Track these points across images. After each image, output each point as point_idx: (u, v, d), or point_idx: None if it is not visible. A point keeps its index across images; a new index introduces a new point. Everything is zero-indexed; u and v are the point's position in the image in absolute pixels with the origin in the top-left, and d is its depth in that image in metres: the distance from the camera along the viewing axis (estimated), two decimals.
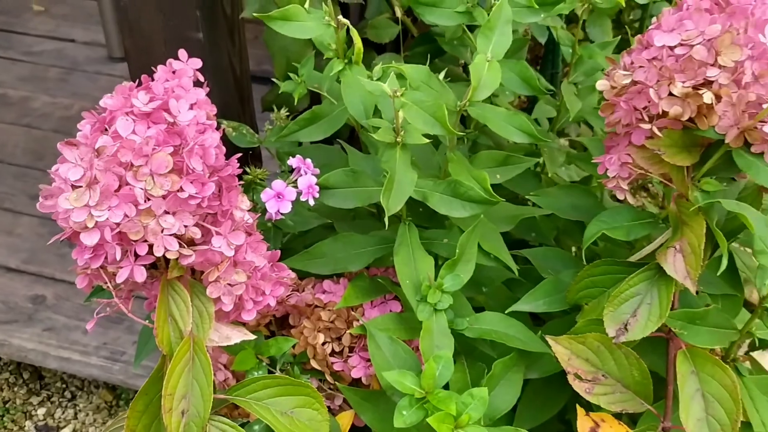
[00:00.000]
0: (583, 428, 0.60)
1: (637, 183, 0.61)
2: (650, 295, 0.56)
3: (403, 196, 0.57)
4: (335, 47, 0.68)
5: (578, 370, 0.58)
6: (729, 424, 0.52)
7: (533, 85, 0.72)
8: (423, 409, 0.54)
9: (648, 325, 0.55)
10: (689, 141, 0.56)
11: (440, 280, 0.62)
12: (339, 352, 0.64)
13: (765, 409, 0.60)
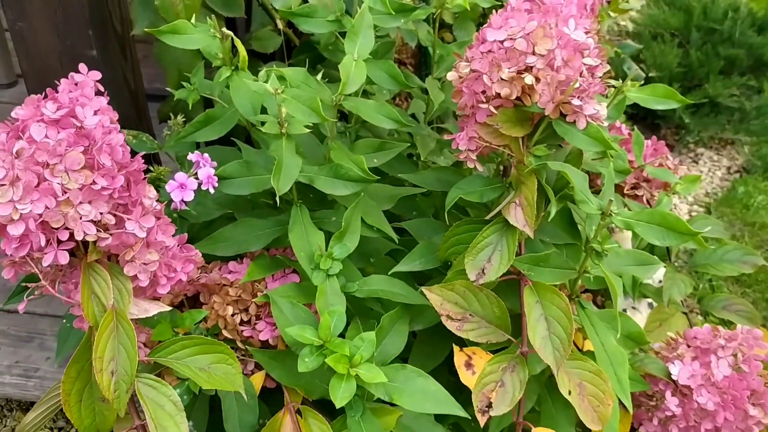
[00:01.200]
0: (460, 362, 0.72)
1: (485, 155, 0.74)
2: (501, 244, 0.68)
3: (290, 177, 0.67)
4: (222, 56, 0.77)
5: (449, 312, 0.69)
6: (565, 338, 0.65)
7: (400, 81, 0.83)
8: (322, 355, 0.64)
9: (500, 268, 0.67)
10: (520, 116, 0.69)
11: (330, 250, 0.72)
12: (247, 321, 0.73)
13: (600, 330, 0.74)
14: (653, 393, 0.88)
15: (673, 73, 2.59)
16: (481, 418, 0.66)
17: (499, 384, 0.67)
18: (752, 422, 0.83)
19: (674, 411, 0.85)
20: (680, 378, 0.84)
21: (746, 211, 2.32)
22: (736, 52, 2.58)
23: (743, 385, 0.82)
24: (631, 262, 0.77)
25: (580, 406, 0.68)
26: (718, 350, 0.85)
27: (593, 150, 0.66)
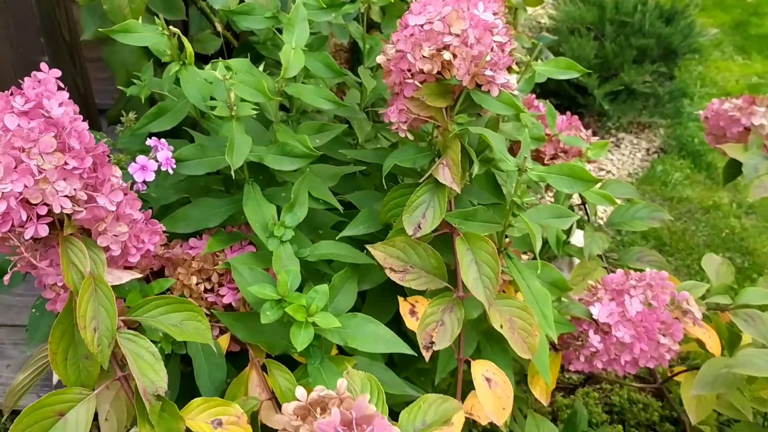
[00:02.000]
0: (405, 310, 0.81)
1: (415, 127, 0.83)
2: (433, 201, 0.77)
3: (242, 154, 0.75)
4: (170, 52, 0.85)
5: (392, 265, 0.78)
6: (494, 277, 0.75)
7: (335, 70, 0.92)
8: (281, 308, 0.72)
9: (433, 222, 0.77)
10: (443, 89, 0.78)
11: (282, 219, 0.80)
12: (210, 289, 0.80)
13: (526, 275, 0.84)
14: (578, 334, 0.99)
15: (591, 64, 2.76)
16: (426, 353, 0.75)
17: (439, 323, 0.76)
18: (664, 350, 0.95)
19: (597, 347, 0.96)
20: (600, 317, 0.95)
21: (665, 188, 2.50)
22: (647, 42, 2.78)
23: (653, 318, 0.94)
24: (550, 215, 0.88)
25: (511, 338, 0.78)
26: (631, 290, 0.96)
27: (506, 113, 0.77)
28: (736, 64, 3.32)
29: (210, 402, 0.67)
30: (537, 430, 1.01)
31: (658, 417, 1.61)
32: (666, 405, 1.63)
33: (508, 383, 0.78)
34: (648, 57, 2.77)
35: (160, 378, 0.63)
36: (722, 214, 2.37)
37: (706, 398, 0.98)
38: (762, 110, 1.36)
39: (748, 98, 1.40)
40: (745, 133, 1.36)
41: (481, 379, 0.78)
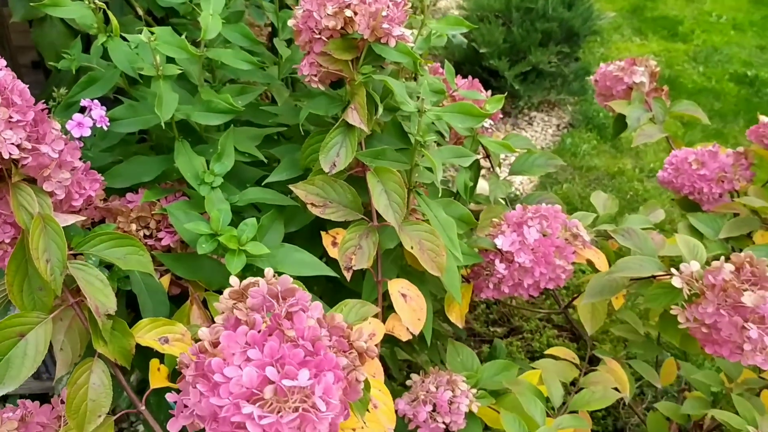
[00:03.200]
0: (327, 242, 0.91)
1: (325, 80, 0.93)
2: (345, 141, 0.88)
3: (170, 107, 0.84)
4: (97, 25, 0.92)
5: (313, 201, 0.88)
6: (401, 203, 0.86)
7: (251, 39, 1.02)
8: (215, 241, 0.81)
9: (347, 159, 0.87)
10: (348, 44, 0.89)
11: (212, 167, 0.89)
12: (149, 235, 0.88)
13: (433, 207, 0.96)
14: (486, 264, 1.11)
15: (501, 48, 2.93)
16: (347, 273, 0.85)
17: (357, 247, 0.86)
18: (560, 271, 1.08)
19: (503, 273, 1.08)
20: (504, 246, 1.08)
21: (575, 158, 2.69)
22: (551, 25, 2.96)
23: (549, 243, 1.07)
24: (452, 155, 1.00)
25: (421, 258, 0.89)
26: (528, 221, 1.09)
27: (403, 61, 0.88)
28: (634, 45, 3.57)
29: (157, 322, 0.75)
30: (457, 356, 1.13)
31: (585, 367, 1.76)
32: (582, 346, 1.78)
33: (421, 297, 0.90)
34: (552, 40, 2.97)
35: (109, 300, 0.71)
36: (626, 179, 2.57)
37: (599, 311, 1.12)
38: (641, 69, 1.53)
39: (629, 60, 1.57)
40: (629, 91, 1.53)
41: (397, 294, 0.89)
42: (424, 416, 0.99)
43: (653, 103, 1.49)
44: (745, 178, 1.32)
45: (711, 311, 0.87)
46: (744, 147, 1.34)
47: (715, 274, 0.90)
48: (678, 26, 3.73)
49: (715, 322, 0.87)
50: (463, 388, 1.01)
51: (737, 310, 0.87)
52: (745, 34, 3.67)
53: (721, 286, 0.88)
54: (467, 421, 1.01)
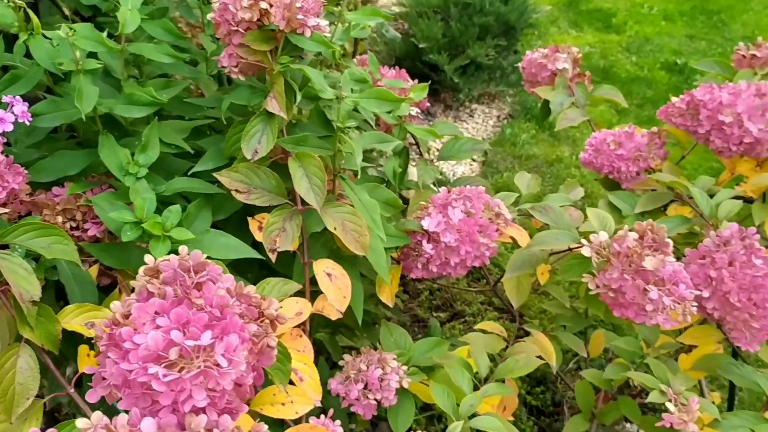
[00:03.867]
0: (254, 227, 0.94)
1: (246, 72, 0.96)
2: (266, 128, 0.91)
3: (91, 101, 0.86)
4: (18, 24, 0.94)
5: (237, 188, 0.91)
6: (322, 185, 0.90)
7: (175, 34, 1.04)
8: (140, 228, 0.83)
9: (268, 146, 0.90)
10: (265, 35, 0.92)
11: (136, 158, 0.91)
12: (76, 227, 0.90)
13: (357, 191, 0.99)
14: (415, 245, 1.15)
15: (440, 43, 2.99)
16: (272, 255, 0.88)
17: (281, 230, 0.90)
18: (484, 249, 1.13)
19: (430, 253, 1.13)
20: (430, 227, 1.12)
21: (514, 147, 2.76)
22: (488, 19, 3.04)
23: (473, 222, 1.12)
24: (374, 140, 1.04)
25: (345, 238, 0.93)
26: (453, 202, 1.14)
27: (319, 50, 0.92)
28: (570, 37, 3.67)
29: (83, 307, 0.77)
30: (390, 336, 1.17)
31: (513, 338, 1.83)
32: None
33: (346, 276, 0.94)
34: (490, 33, 3.04)
35: (33, 287, 0.73)
36: (564, 166, 2.65)
37: (523, 286, 1.18)
38: (564, 56, 1.60)
39: (553, 47, 1.64)
40: (553, 77, 1.60)
41: (323, 274, 0.92)
42: (356, 394, 1.03)
43: (576, 88, 1.56)
44: (660, 156, 1.39)
45: (616, 276, 0.93)
46: (658, 127, 1.42)
47: (620, 242, 0.96)
48: (612, 18, 3.85)
49: (621, 286, 0.94)
50: (393, 365, 1.05)
51: (639, 274, 0.93)
52: (675, 24, 3.81)
53: (625, 253, 0.94)
54: (399, 397, 1.06)
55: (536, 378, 1.74)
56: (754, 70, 1.44)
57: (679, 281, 0.93)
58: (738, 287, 1.03)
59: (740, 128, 1.24)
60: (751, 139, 1.25)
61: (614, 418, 1.25)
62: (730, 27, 3.76)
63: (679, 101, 1.32)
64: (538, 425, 1.63)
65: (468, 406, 0.98)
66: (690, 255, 1.09)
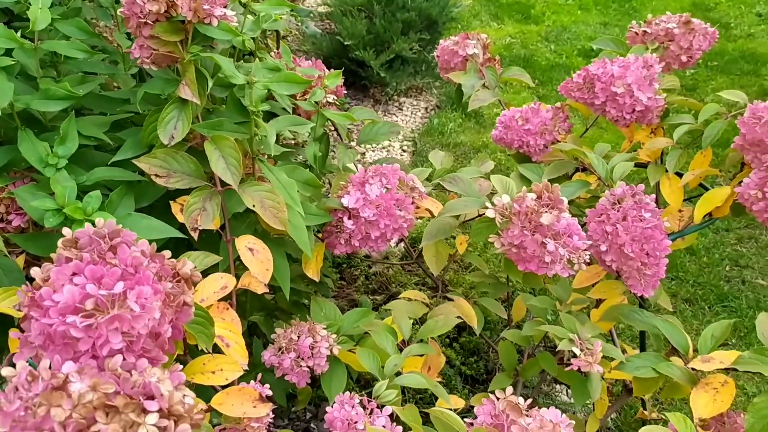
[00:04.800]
0: (176, 209, 0.99)
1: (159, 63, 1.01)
2: (181, 114, 0.96)
3: (6, 95, 0.89)
4: None
5: (157, 172, 0.96)
6: (237, 165, 0.95)
7: (89, 32, 1.08)
8: (62, 214, 0.87)
9: (183, 131, 0.95)
10: (174, 26, 0.97)
11: (56, 150, 0.95)
12: (0, 219, 0.93)
13: (275, 171, 1.05)
14: (337, 222, 1.22)
15: (365, 40, 3.06)
16: (194, 233, 0.93)
17: (202, 209, 0.95)
18: (402, 221, 1.21)
19: (351, 228, 1.19)
20: (349, 204, 1.19)
21: (442, 136, 2.86)
22: (411, 15, 3.12)
23: (389, 197, 1.19)
24: (289, 123, 1.10)
25: (264, 214, 0.98)
26: (370, 180, 1.21)
27: (226, 38, 0.97)
28: (492, 29, 3.80)
29: (10, 291, 0.81)
30: (320, 310, 1.23)
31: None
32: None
33: (267, 250, 0.99)
34: (413, 28, 3.13)
35: None
36: (490, 151, 2.76)
37: (441, 253, 1.25)
38: (473, 42, 1.69)
39: (464, 35, 1.72)
40: (465, 62, 1.68)
41: (245, 249, 0.98)
42: (288, 363, 1.08)
43: (486, 71, 1.65)
44: (565, 129, 1.49)
45: (517, 233, 1.02)
46: (561, 102, 1.52)
47: (520, 203, 1.04)
48: (531, 10, 4.00)
49: (522, 242, 1.02)
50: (323, 334, 1.11)
51: (538, 229, 1.01)
52: (590, 12, 3.99)
53: (524, 212, 1.03)
54: (331, 364, 1.12)
55: (470, 349, 1.82)
56: (645, 45, 1.56)
57: (573, 233, 1.01)
58: (631, 239, 1.13)
59: (631, 98, 1.35)
60: (642, 107, 1.36)
61: (535, 373, 1.34)
62: (641, 13, 3.96)
63: (577, 76, 1.42)
64: (473, 392, 1.71)
65: (392, 365, 1.05)
66: (590, 214, 1.19)
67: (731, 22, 3.90)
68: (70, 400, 0.48)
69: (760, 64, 3.46)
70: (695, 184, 1.41)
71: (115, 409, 0.48)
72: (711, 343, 1.14)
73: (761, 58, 3.51)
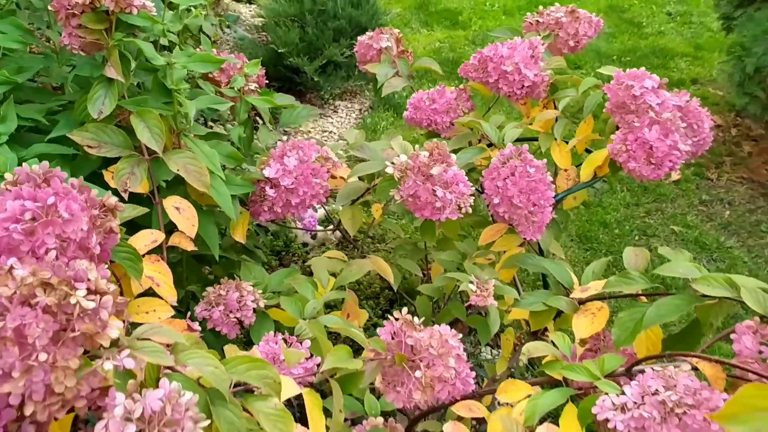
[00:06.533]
0: (108, 177, 1.11)
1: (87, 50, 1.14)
2: (108, 92, 1.09)
3: None
4: None
5: (89, 144, 1.08)
6: (161, 134, 1.08)
7: (24, 29, 1.20)
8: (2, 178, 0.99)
9: (110, 106, 1.08)
10: (99, 16, 1.10)
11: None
12: None
13: (198, 143, 1.19)
14: (260, 192, 1.35)
15: (299, 48, 3.22)
16: (124, 195, 1.06)
17: (131, 173, 1.08)
18: (318, 188, 1.35)
19: (273, 196, 1.33)
20: (271, 174, 1.33)
21: (375, 134, 3.02)
22: (341, 23, 3.29)
23: (306, 167, 1.34)
24: (208, 102, 1.24)
25: (188, 178, 1.11)
26: (288, 152, 1.35)
27: (145, 24, 1.11)
28: (422, 36, 4.01)
29: None
30: (250, 273, 1.36)
31: (378, 288, 2.06)
32: None
33: (192, 209, 1.12)
34: (344, 35, 3.30)
35: None
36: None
37: (356, 216, 1.40)
38: (387, 36, 1.85)
39: (378, 30, 1.89)
40: (380, 54, 1.84)
41: (172, 208, 1.11)
42: (218, 315, 1.21)
43: (399, 61, 1.81)
44: (467, 108, 1.67)
45: (411, 184, 1.17)
46: (463, 84, 1.70)
47: (415, 159, 1.20)
48: (458, 16, 4.23)
49: (416, 191, 1.18)
50: (249, 289, 1.25)
51: (429, 179, 1.17)
52: (514, 17, 4.23)
53: (418, 166, 1.19)
54: (258, 317, 1.25)
55: None
56: (538, 32, 1.75)
57: (459, 182, 1.18)
58: (518, 191, 1.30)
59: (519, 75, 1.53)
60: (529, 82, 1.54)
61: (448, 320, 1.49)
62: None
63: (473, 59, 1.60)
64: None
65: (311, 308, 1.19)
66: (485, 174, 1.35)
67: (643, 21, 4.19)
68: (14, 281, 0.60)
69: (669, 58, 3.74)
70: (582, 149, 1.60)
71: (51, 286, 0.61)
72: (591, 278, 1.31)
73: (670, 52, 3.79)
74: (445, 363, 0.99)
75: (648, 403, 0.95)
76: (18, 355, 0.59)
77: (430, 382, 0.99)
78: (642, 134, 1.29)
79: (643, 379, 0.98)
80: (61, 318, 0.61)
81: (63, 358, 0.60)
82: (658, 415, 0.93)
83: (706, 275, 1.05)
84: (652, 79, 1.36)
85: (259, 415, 0.72)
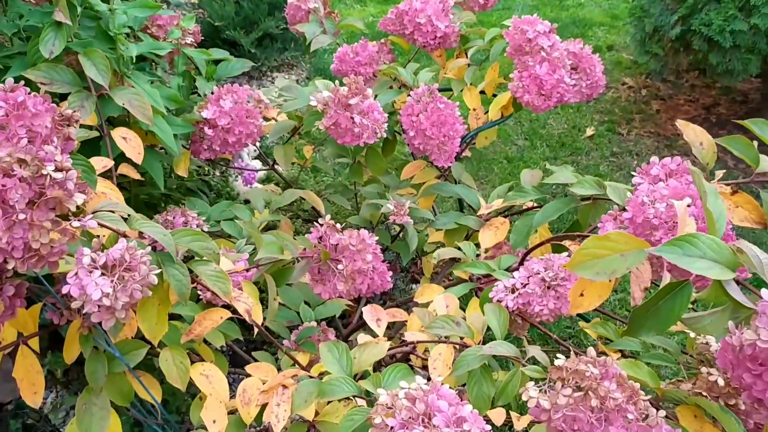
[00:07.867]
0: None
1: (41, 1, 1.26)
2: (57, 34, 1.21)
3: None
4: None
5: (42, 81, 1.21)
6: (106, 70, 1.22)
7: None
8: None
9: (60, 46, 1.20)
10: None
11: None
12: None
13: (140, 82, 1.33)
14: (200, 132, 1.50)
15: (235, 21, 3.33)
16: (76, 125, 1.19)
17: (80, 106, 1.21)
18: (253, 128, 1.50)
19: (211, 135, 1.48)
20: (208, 115, 1.47)
21: None
22: None
23: (240, 108, 1.49)
24: (148, 47, 1.37)
25: (133, 111, 1.25)
26: (223, 95, 1.50)
27: None
28: (356, 11, 4.16)
29: None
30: (194, 207, 1.51)
31: None
32: None
33: (137, 138, 1.26)
34: (279, 8, 3.43)
35: None
36: None
37: (288, 152, 1.56)
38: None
39: None
40: (308, 15, 2.00)
41: (120, 138, 1.25)
42: None
43: (326, 21, 1.97)
44: (389, 60, 1.84)
45: (333, 114, 1.34)
46: (384, 38, 1.87)
47: (336, 92, 1.37)
48: None
49: (337, 120, 1.34)
50: (194, 215, 1.40)
51: (348, 109, 1.34)
52: None
53: (339, 99, 1.35)
54: None
55: None
56: None
57: (374, 110, 1.35)
58: (431, 124, 1.48)
59: (432, 26, 1.71)
60: (441, 33, 1.72)
61: None
62: None
63: (390, 13, 1.77)
64: None
65: (246, 231, 1.35)
66: (402, 111, 1.53)
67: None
68: None
69: (587, 27, 3.99)
70: (491, 92, 1.79)
71: (26, 162, 0.75)
72: (495, 199, 1.51)
73: (588, 22, 4.05)
74: (363, 258, 1.17)
75: (531, 282, 1.15)
76: (1, 215, 0.74)
77: (351, 274, 1.17)
78: (534, 71, 1.48)
79: (530, 264, 1.18)
80: (35, 188, 0.76)
81: (38, 219, 0.75)
82: (539, 289, 1.13)
83: (581, 179, 1.26)
84: (543, 24, 1.56)
85: (202, 276, 0.88)
